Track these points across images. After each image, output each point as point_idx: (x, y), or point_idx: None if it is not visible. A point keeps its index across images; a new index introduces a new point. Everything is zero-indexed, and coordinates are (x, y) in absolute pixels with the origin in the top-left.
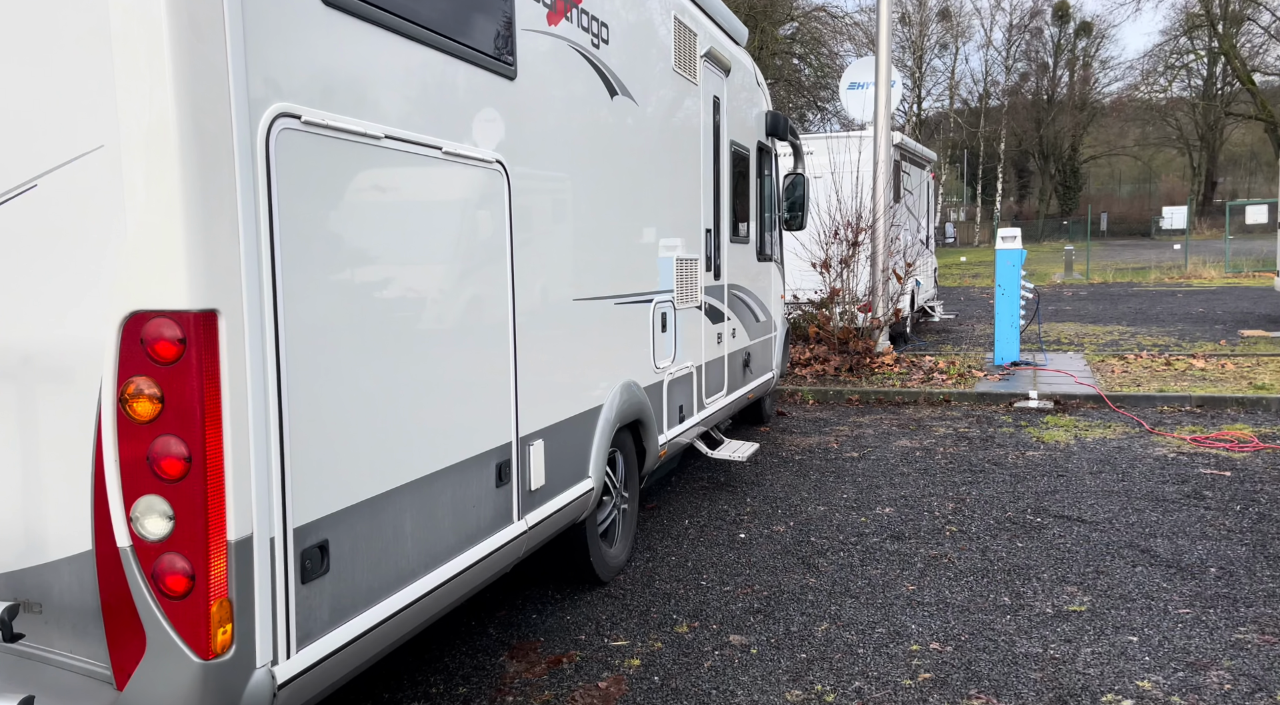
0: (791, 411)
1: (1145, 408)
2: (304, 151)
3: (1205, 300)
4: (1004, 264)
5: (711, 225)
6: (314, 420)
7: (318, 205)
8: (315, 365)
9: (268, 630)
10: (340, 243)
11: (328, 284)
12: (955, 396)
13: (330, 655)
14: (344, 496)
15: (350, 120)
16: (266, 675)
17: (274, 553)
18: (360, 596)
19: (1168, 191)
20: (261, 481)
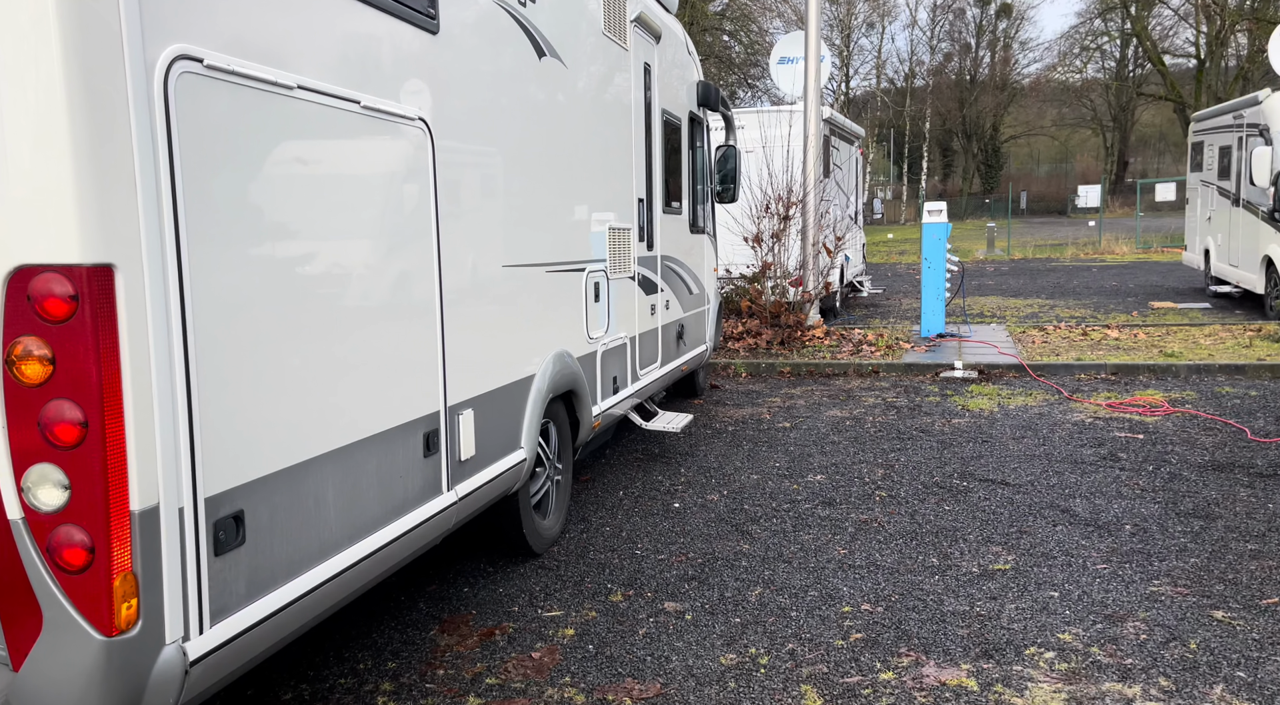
0: (724, 384)
1: (1064, 376)
2: (208, 98)
3: (1118, 274)
4: (930, 238)
5: (644, 195)
6: (227, 384)
7: (226, 158)
8: (227, 325)
9: (178, 605)
10: (252, 198)
11: (238, 239)
12: (884, 367)
13: (247, 630)
14: (261, 465)
15: (259, 67)
16: (177, 652)
17: (183, 523)
18: (280, 569)
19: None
20: (168, 448)
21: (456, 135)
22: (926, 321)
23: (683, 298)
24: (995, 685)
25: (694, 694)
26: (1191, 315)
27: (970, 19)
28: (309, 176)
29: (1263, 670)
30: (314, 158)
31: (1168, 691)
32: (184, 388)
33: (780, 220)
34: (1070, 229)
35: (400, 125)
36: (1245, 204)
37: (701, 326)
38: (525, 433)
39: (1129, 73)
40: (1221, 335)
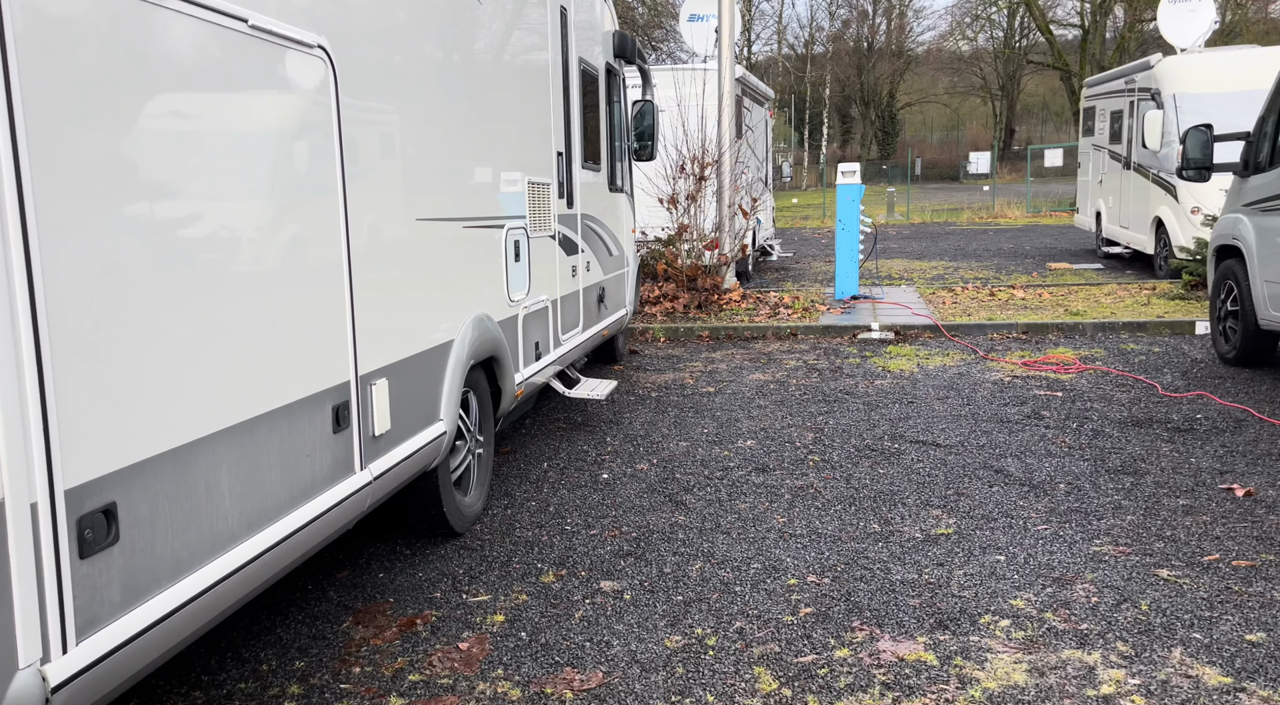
0: (644, 349)
1: (977, 336)
2: (49, 7)
3: (1013, 237)
4: (844, 199)
5: (563, 148)
6: (91, 358)
7: (75, 81)
8: (89, 292)
9: (33, 621)
10: (113, 140)
11: (93, 181)
12: (801, 330)
13: (125, 644)
14: (137, 448)
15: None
16: (34, 678)
17: (38, 522)
18: (164, 569)
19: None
20: (14, 433)
21: (363, 68)
22: (840, 283)
23: (603, 259)
24: (955, 658)
25: (639, 682)
26: (1087, 275)
27: None
28: (186, 113)
29: (1217, 630)
30: (192, 89)
31: (1127, 657)
32: (34, 363)
33: (696, 181)
34: (964, 194)
35: (298, 53)
36: (1136, 167)
37: (622, 289)
38: (445, 403)
39: (1016, 43)
40: (1120, 294)
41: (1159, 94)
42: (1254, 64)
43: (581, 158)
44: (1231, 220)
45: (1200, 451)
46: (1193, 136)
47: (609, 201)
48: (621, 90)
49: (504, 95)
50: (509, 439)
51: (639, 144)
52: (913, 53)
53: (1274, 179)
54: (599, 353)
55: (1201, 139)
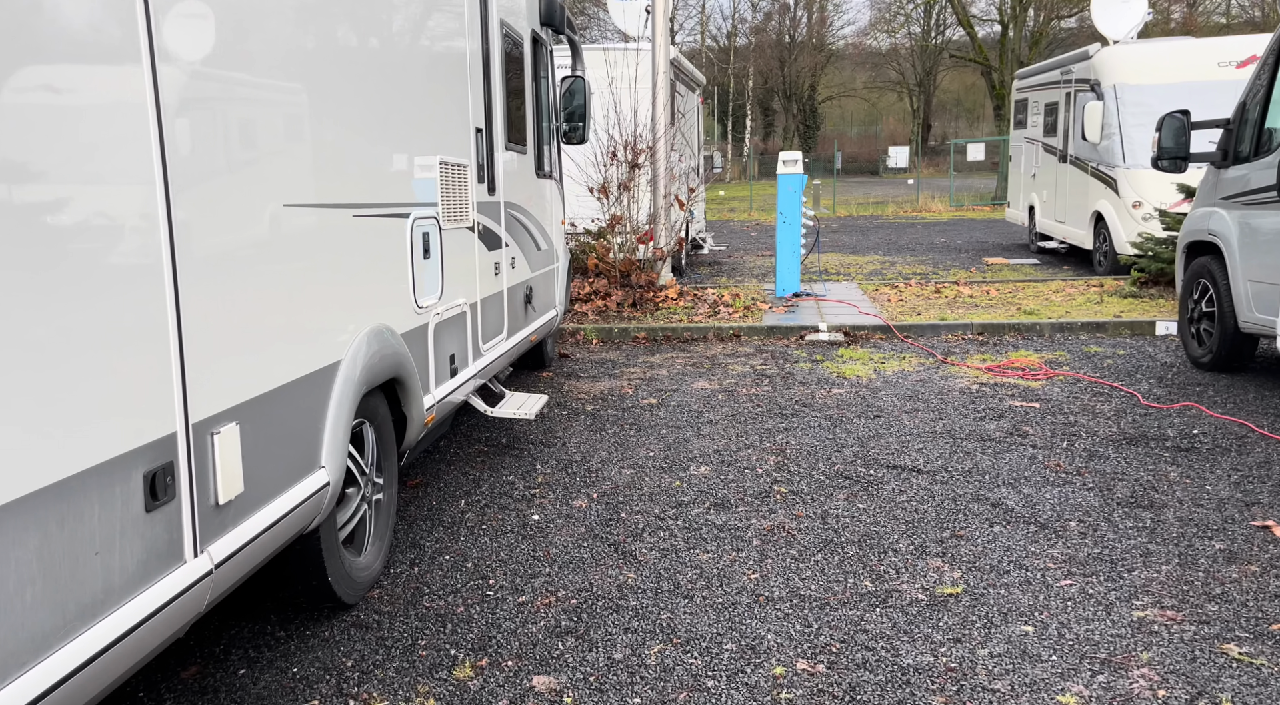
0: (575, 353)
1: (931, 337)
2: None
3: (942, 231)
4: (785, 190)
5: (483, 124)
6: None
7: None
8: None
9: None
10: None
11: None
12: (745, 331)
13: None
14: None
15: None
16: None
17: None
18: None
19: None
20: None
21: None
22: (782, 280)
23: (530, 254)
24: None
25: None
26: (1025, 270)
27: None
28: None
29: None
30: None
31: None
32: None
33: (629, 169)
34: (885, 187)
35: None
36: (1074, 160)
37: (551, 288)
38: (328, 445)
39: (933, 39)
40: (1069, 292)
41: (1099, 85)
42: (1195, 55)
43: (505, 137)
44: (1205, 214)
45: (1213, 477)
46: (1169, 123)
47: (536, 188)
48: (549, 64)
49: (409, 53)
50: (419, 468)
51: (569, 125)
52: (833, 47)
53: (1258, 170)
54: (526, 359)
55: (1177, 126)
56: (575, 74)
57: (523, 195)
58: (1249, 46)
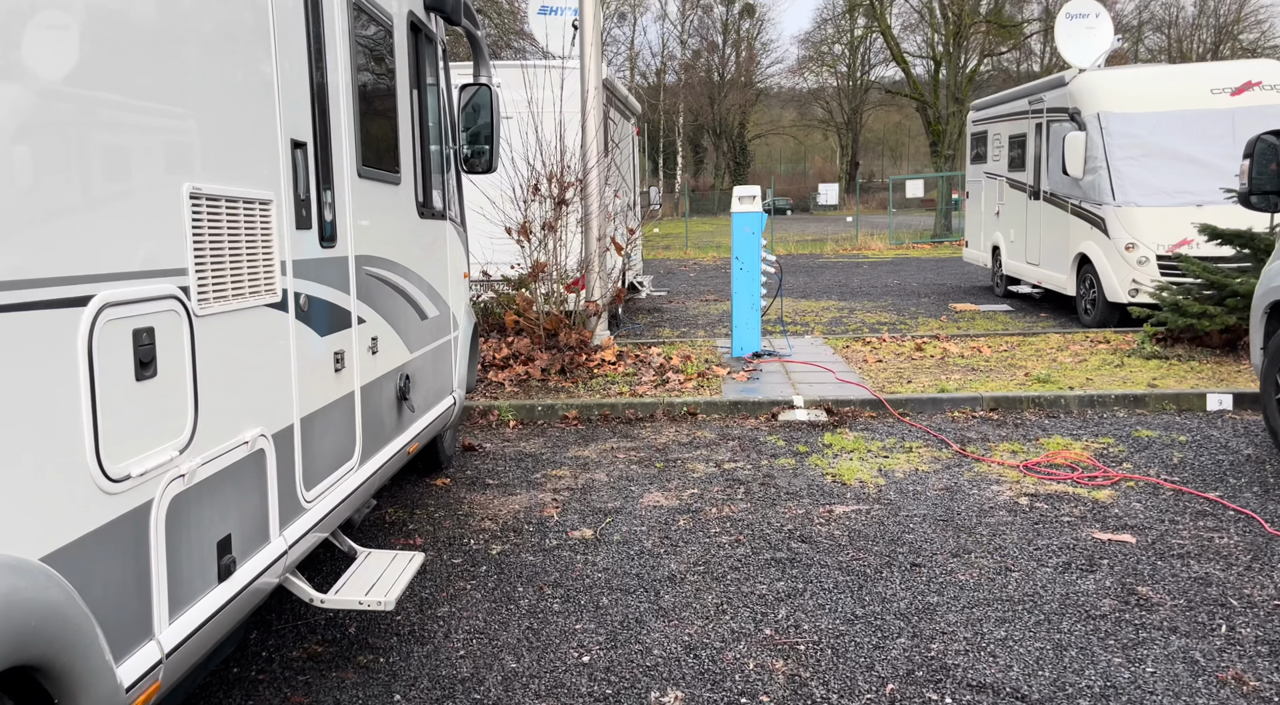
0: (486, 442)
1: (933, 414)
2: None
3: (891, 271)
4: (741, 231)
5: (309, 136)
6: None
7: None
8: None
9: None
10: None
11: None
12: (703, 408)
13: None
14: None
15: None
16: None
17: None
18: None
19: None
20: None
21: None
22: (740, 338)
23: (408, 328)
24: None
25: None
26: (1000, 319)
27: (717, 16)
28: None
29: None
30: None
31: None
32: None
33: (555, 205)
34: (820, 225)
35: None
36: (1049, 197)
37: (446, 367)
38: None
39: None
40: (1075, 350)
41: (1079, 114)
42: (1185, 81)
43: (357, 160)
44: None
45: None
46: (1262, 149)
47: (418, 234)
48: (440, 65)
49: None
50: (194, 698)
51: (473, 149)
52: (762, 85)
53: None
54: (415, 460)
55: (1270, 151)
56: (480, 82)
57: (393, 245)
58: (1243, 73)
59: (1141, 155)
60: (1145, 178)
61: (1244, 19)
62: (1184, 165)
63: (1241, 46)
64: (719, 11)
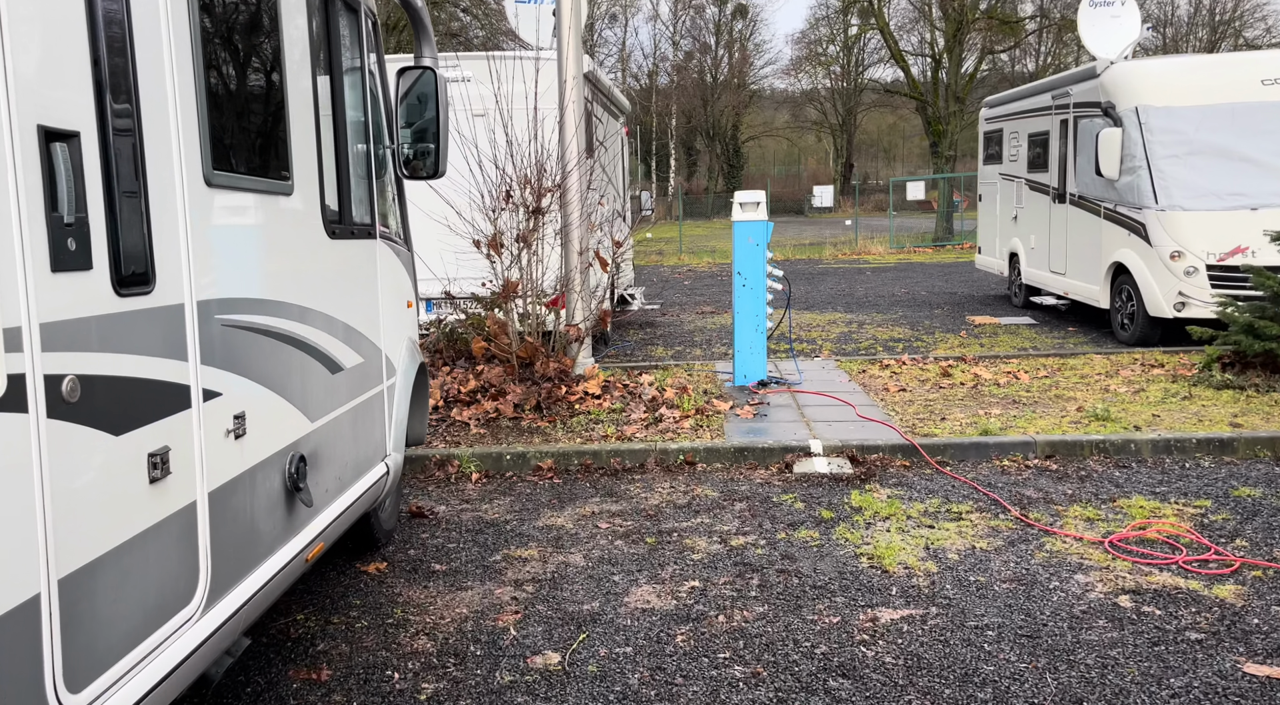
0: (440, 504)
1: (978, 463)
2: None
3: (897, 278)
4: (744, 242)
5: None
6: None
7: None
8: None
9: None
10: None
11: None
12: (703, 455)
13: None
14: None
15: None
16: None
17: None
18: None
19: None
20: None
21: None
22: (743, 364)
23: (308, 389)
24: None
25: None
26: (1024, 334)
27: (710, 17)
28: None
29: None
30: None
31: None
32: None
33: (529, 214)
34: (816, 228)
35: None
36: (1078, 200)
37: (375, 428)
38: None
39: (853, 79)
40: (1127, 376)
41: (1113, 108)
42: (1234, 71)
43: (205, 158)
44: None
45: None
46: None
47: (327, 259)
48: (367, 41)
49: None
50: None
51: (416, 148)
52: (755, 87)
53: None
54: (344, 538)
55: None
56: (422, 65)
57: (280, 278)
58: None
59: (1187, 153)
60: (1192, 178)
61: (1242, 16)
62: (1235, 164)
63: (1248, 43)
64: (711, 12)
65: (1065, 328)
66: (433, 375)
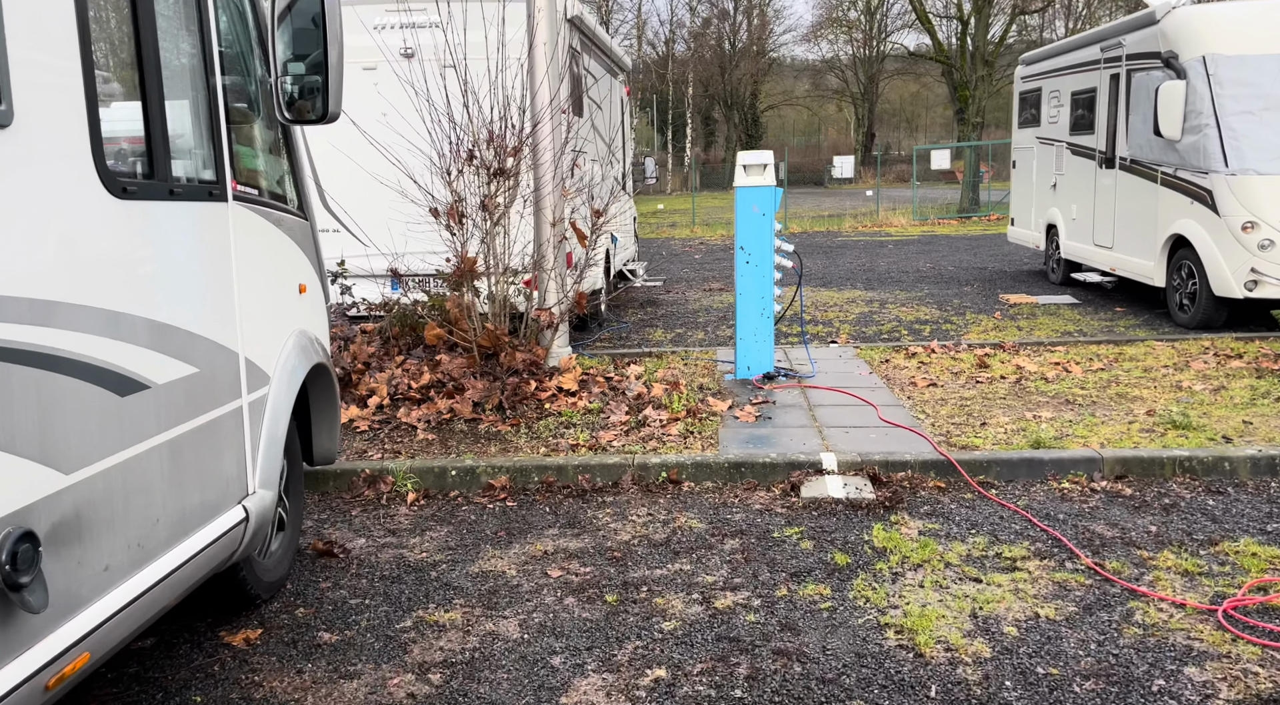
0: (360, 537)
1: (1031, 483)
2: None
3: (921, 252)
4: (748, 211)
5: None
6: None
7: None
8: None
9: None
10: None
11: None
12: (689, 471)
13: None
14: None
15: None
16: None
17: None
18: None
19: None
20: None
21: None
22: (746, 353)
23: (51, 427)
24: None
25: None
26: (1065, 315)
27: None
28: None
29: None
30: None
31: None
32: None
33: (492, 176)
34: (836, 199)
35: None
36: (1130, 164)
37: (214, 462)
38: None
39: (875, 46)
40: (1199, 368)
41: (1175, 58)
42: None
43: None
44: None
45: None
46: None
47: (111, 228)
48: None
49: None
50: None
51: (299, 83)
52: (775, 54)
53: None
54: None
55: None
56: None
57: None
58: None
59: (1262, 108)
60: (1268, 137)
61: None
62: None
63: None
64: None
65: (1112, 308)
66: (381, 367)
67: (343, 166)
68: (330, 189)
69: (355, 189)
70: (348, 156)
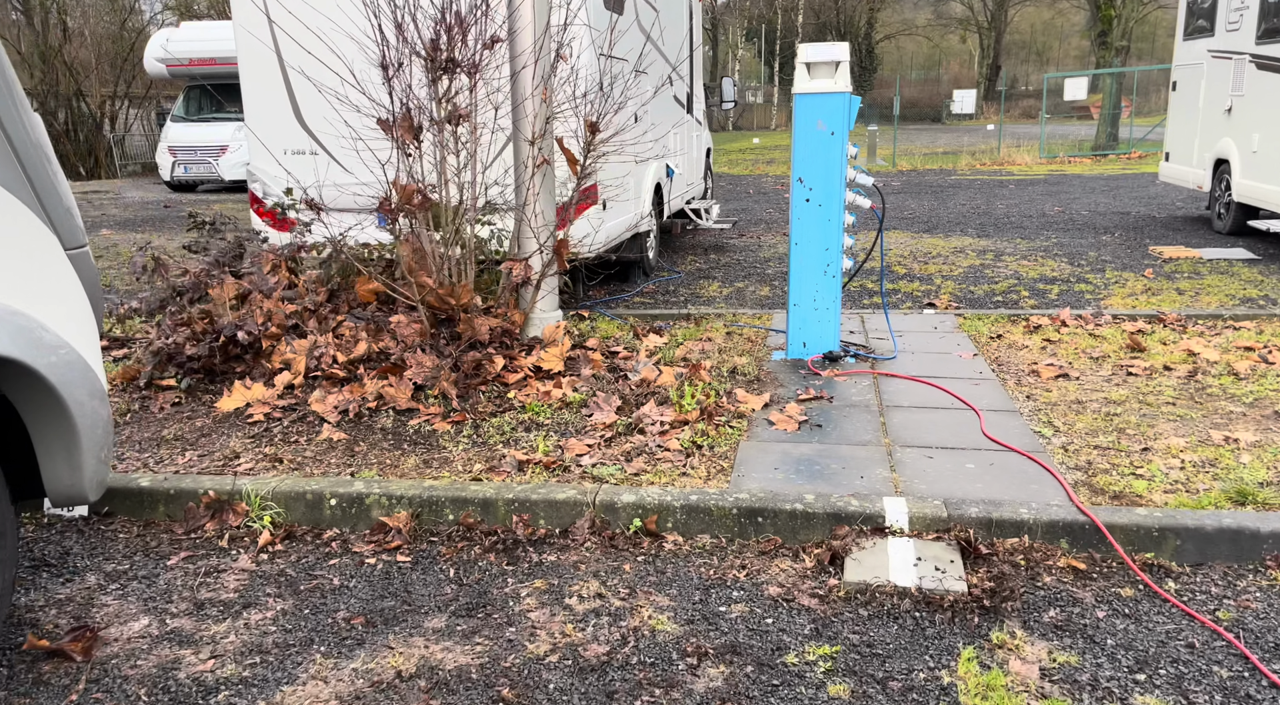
0: (142, 616)
1: (1238, 570)
2: None
3: (1048, 193)
4: (809, 129)
5: None
6: None
7: None
8: None
9: None
10: None
11: None
12: (679, 517)
13: None
14: None
15: None
16: None
17: None
18: None
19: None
20: None
21: None
22: (801, 325)
23: None
24: None
25: None
26: (1240, 274)
27: None
28: None
29: None
30: None
31: None
32: None
33: (440, 70)
34: (952, 136)
35: None
36: None
37: None
38: None
39: None
40: None
41: None
42: None
43: None
44: None
45: None
46: None
47: None
48: None
49: None
50: None
51: None
52: None
53: None
54: None
55: None
56: None
57: None
58: None
59: None
60: None
61: None
62: None
63: None
64: None
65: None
66: (304, 333)
67: (314, 69)
68: (303, 102)
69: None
70: (320, 60)
